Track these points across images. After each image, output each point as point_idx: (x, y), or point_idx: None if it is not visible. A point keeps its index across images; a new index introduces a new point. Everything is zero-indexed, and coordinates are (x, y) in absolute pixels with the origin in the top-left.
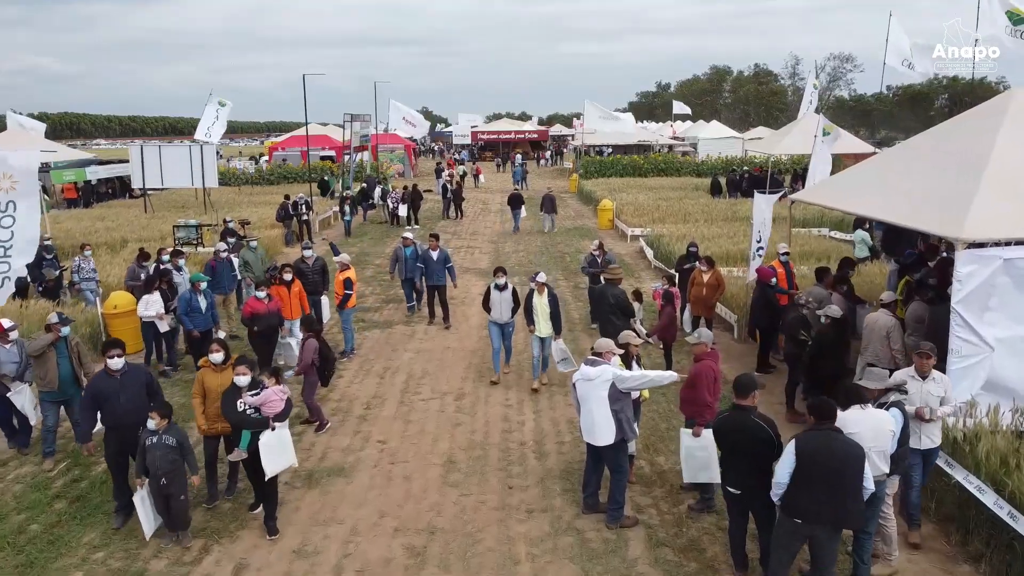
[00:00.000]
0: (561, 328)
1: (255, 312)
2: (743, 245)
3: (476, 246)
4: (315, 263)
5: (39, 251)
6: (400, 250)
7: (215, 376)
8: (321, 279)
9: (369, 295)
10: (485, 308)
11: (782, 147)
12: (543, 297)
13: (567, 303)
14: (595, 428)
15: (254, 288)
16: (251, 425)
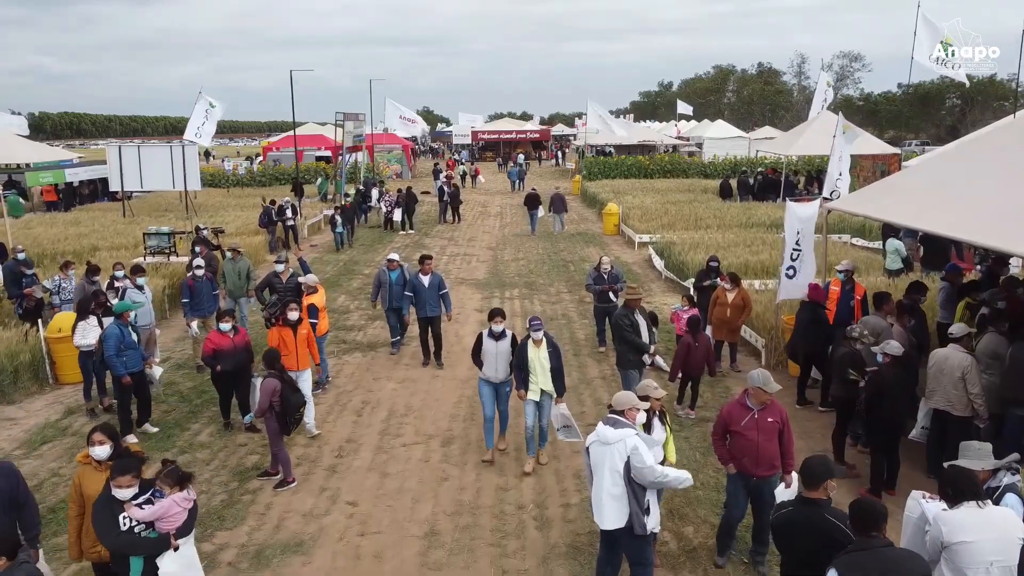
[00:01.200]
0: (564, 387)
1: (219, 349)
2: (763, 256)
3: (474, 253)
4: (290, 279)
5: (14, 266)
6: (383, 274)
7: (97, 477)
8: (295, 297)
9: (354, 311)
10: (475, 361)
11: (797, 148)
12: (541, 349)
13: (571, 321)
14: (603, 507)
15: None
16: (142, 549)
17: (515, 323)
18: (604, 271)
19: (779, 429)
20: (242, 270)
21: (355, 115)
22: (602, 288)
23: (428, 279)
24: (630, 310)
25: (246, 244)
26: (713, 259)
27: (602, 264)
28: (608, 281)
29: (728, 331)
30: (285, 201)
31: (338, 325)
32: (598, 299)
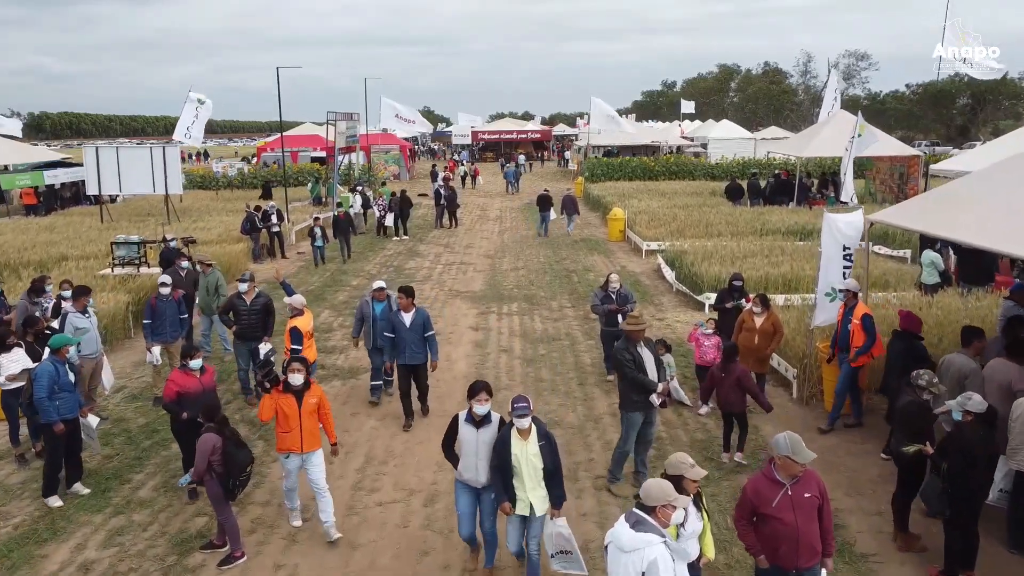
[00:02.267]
0: (563, 494)
1: (184, 392)
2: (784, 268)
3: (470, 262)
4: (255, 300)
5: None
6: (367, 305)
7: None
8: (261, 322)
9: (337, 329)
10: (448, 456)
11: (811, 149)
12: (528, 443)
13: (575, 342)
14: None
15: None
16: None
17: (514, 345)
18: (612, 290)
19: (818, 505)
20: (211, 284)
21: (348, 115)
22: (610, 309)
23: (410, 317)
24: (632, 343)
25: (225, 253)
26: (737, 277)
27: (610, 282)
28: (617, 301)
29: (756, 361)
30: (271, 206)
31: (317, 346)
32: (606, 322)
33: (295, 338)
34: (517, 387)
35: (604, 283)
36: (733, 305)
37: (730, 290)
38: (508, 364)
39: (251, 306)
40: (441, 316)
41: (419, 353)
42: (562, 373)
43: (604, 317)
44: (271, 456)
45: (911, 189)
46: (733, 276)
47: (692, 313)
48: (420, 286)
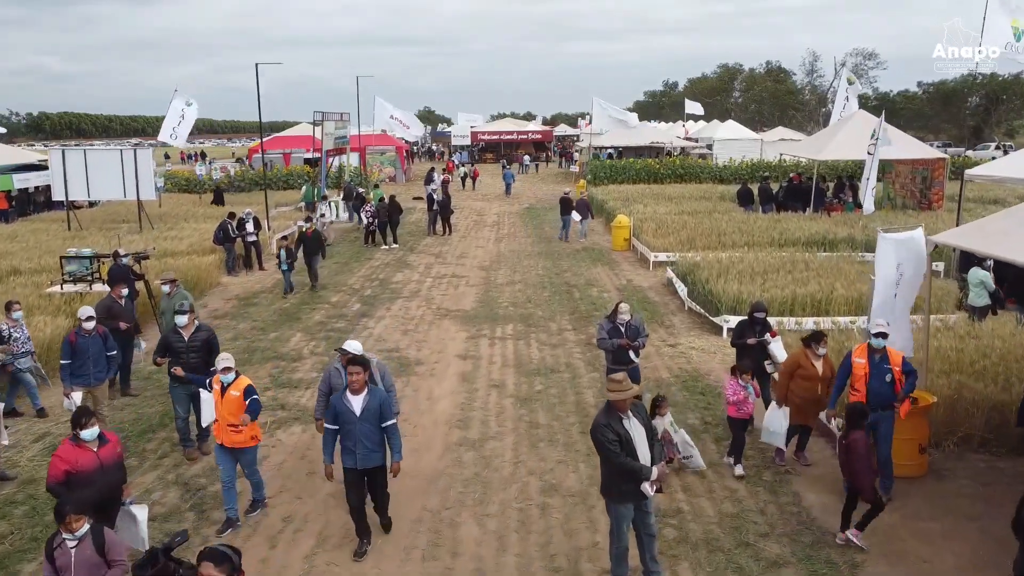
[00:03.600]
0: None
1: (74, 471)
2: (811, 287)
3: (463, 275)
4: (195, 335)
5: None
6: (336, 375)
7: None
8: (203, 360)
9: (308, 356)
10: None
11: (829, 152)
12: None
13: (576, 375)
14: None
15: None
16: None
17: (506, 379)
18: (622, 322)
19: None
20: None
21: (338, 114)
22: (620, 344)
23: (361, 401)
24: (616, 415)
25: (193, 266)
26: (758, 308)
27: (619, 312)
28: (627, 334)
29: (814, 414)
30: (246, 213)
31: (281, 379)
32: (613, 359)
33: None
34: (508, 435)
35: (612, 312)
36: (756, 340)
37: (751, 322)
38: (498, 404)
39: (190, 342)
40: (426, 341)
41: (374, 452)
42: (561, 417)
43: (612, 354)
44: None
45: (935, 194)
46: (754, 306)
47: (708, 338)
48: (405, 303)
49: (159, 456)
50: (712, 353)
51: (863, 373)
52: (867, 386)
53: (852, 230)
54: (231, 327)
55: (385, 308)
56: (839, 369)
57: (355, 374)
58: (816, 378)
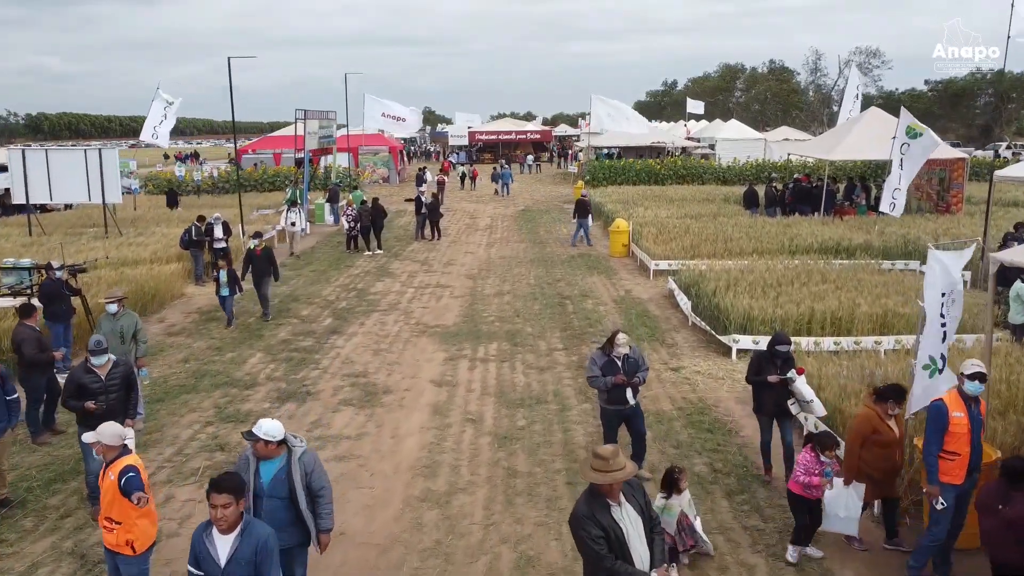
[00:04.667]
0: None
1: None
2: (830, 302)
3: (448, 284)
4: (112, 373)
5: None
6: (245, 465)
7: None
8: (121, 401)
9: (263, 382)
10: None
11: (841, 151)
12: None
13: (565, 407)
14: None
15: None
16: None
17: (485, 411)
18: (617, 355)
19: None
20: (127, 329)
21: (323, 113)
22: (616, 382)
23: (230, 544)
24: (600, 504)
25: (153, 276)
26: (781, 340)
27: (616, 344)
28: (624, 369)
29: (890, 485)
30: (215, 218)
31: (227, 411)
32: (608, 398)
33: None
34: (481, 486)
35: (606, 343)
36: (778, 377)
37: (771, 356)
38: (473, 445)
39: (108, 382)
40: (399, 363)
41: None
42: (545, 462)
43: (608, 393)
44: None
45: (954, 196)
46: (776, 338)
47: (715, 360)
48: (382, 318)
49: (61, 515)
50: (720, 379)
51: (965, 431)
52: (970, 445)
53: (868, 235)
54: (184, 346)
55: (359, 323)
56: (928, 426)
57: (221, 505)
58: (895, 443)
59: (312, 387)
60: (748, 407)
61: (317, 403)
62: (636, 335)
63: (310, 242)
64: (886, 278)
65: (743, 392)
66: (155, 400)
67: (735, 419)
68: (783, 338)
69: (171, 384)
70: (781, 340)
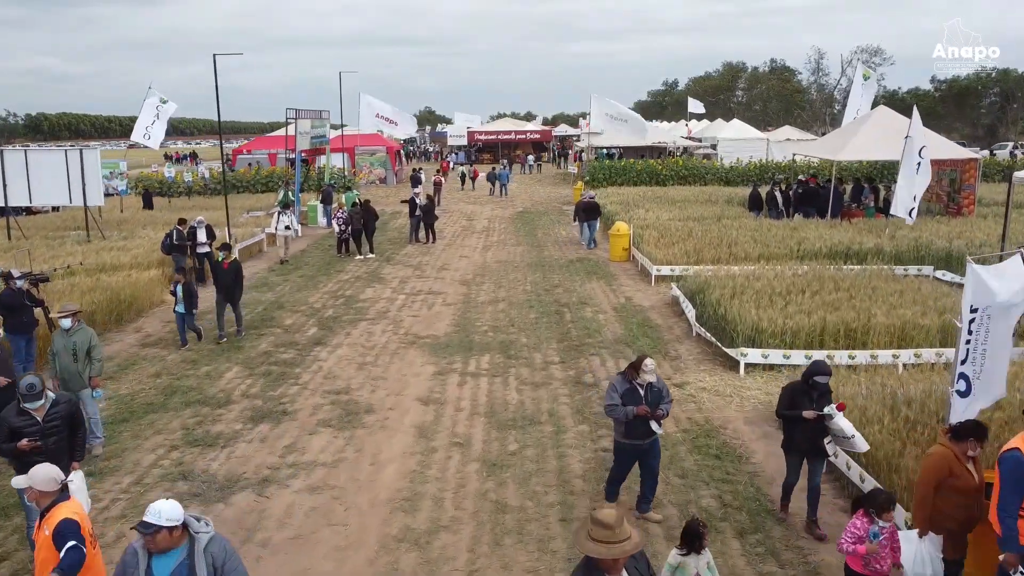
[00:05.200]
0: None
1: None
2: (846, 313)
3: (441, 291)
4: (51, 412)
5: None
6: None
7: None
8: (63, 443)
9: (238, 399)
10: None
11: (848, 152)
12: None
13: (561, 427)
14: None
15: None
16: None
17: (474, 433)
18: (642, 382)
19: None
20: (80, 346)
21: (316, 112)
22: (638, 413)
23: None
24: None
25: (130, 283)
26: (820, 370)
27: (643, 370)
28: (648, 399)
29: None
30: (198, 221)
31: (196, 434)
32: (626, 431)
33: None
34: (466, 523)
35: (629, 368)
36: (817, 417)
37: (807, 388)
38: (459, 474)
39: (46, 424)
40: (384, 378)
41: None
42: (537, 494)
43: (625, 425)
44: None
45: (966, 198)
46: (813, 367)
47: (722, 375)
48: (369, 327)
49: None
50: (727, 397)
51: None
52: None
53: (879, 239)
54: (158, 358)
55: (345, 333)
56: (1004, 480)
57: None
58: (975, 490)
59: (290, 405)
60: (758, 428)
61: (293, 424)
62: (637, 346)
63: (301, 245)
64: (901, 286)
65: (752, 412)
66: (119, 420)
67: (744, 443)
68: (823, 368)
69: (138, 402)
70: (820, 370)
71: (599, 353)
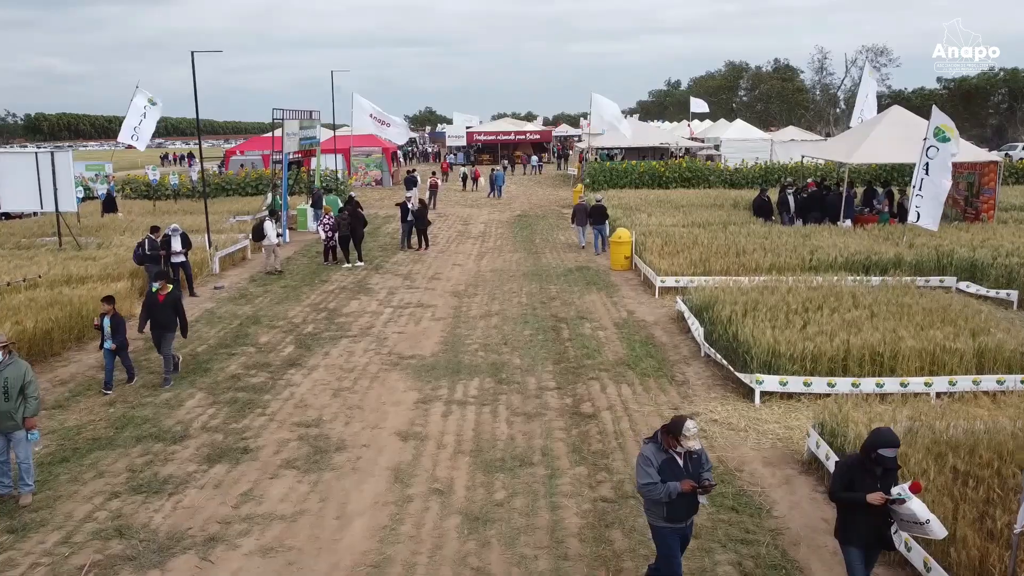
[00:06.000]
0: None
1: None
2: (870, 335)
3: (430, 303)
4: None
5: None
6: None
7: None
8: None
9: (197, 433)
10: None
11: (861, 154)
12: None
13: (556, 469)
14: None
15: None
16: None
17: (456, 478)
18: (682, 450)
19: None
20: (12, 383)
21: (306, 113)
22: (682, 489)
23: None
24: None
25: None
26: (886, 440)
27: (685, 435)
28: (688, 470)
29: None
30: (172, 228)
31: (143, 476)
32: (668, 512)
33: None
34: None
35: (666, 434)
36: (886, 501)
37: (870, 462)
38: (436, 530)
39: None
40: (361, 408)
41: None
42: (525, 558)
43: (666, 506)
44: None
45: (985, 203)
46: (878, 437)
47: (735, 404)
48: (350, 346)
49: None
50: (742, 431)
51: None
52: None
53: (897, 247)
54: (116, 383)
55: (323, 353)
56: None
57: None
58: None
59: (253, 441)
60: (778, 471)
61: (254, 464)
62: (641, 369)
63: (287, 251)
64: (928, 301)
65: (771, 451)
66: (58, 461)
67: (764, 490)
68: (888, 438)
69: (84, 436)
70: (886, 440)
71: (599, 377)
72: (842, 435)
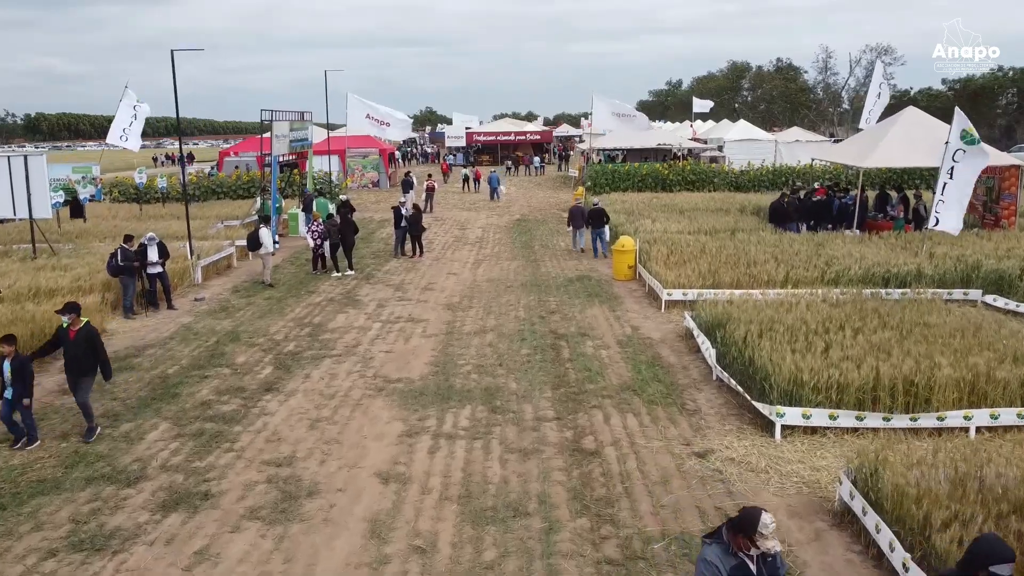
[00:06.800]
0: None
1: None
2: (901, 362)
3: (422, 317)
4: None
5: None
6: None
7: None
8: None
9: (155, 461)
10: None
11: (876, 158)
12: None
13: (554, 522)
14: None
15: None
16: None
17: (441, 532)
18: (756, 552)
19: None
20: None
21: (297, 114)
22: None
23: None
24: None
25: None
26: (999, 554)
27: (762, 532)
28: (764, 571)
29: None
30: (148, 238)
31: (87, 529)
32: None
33: None
34: None
35: (735, 534)
36: None
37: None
38: None
39: None
40: (339, 442)
41: None
42: None
43: None
44: None
45: (1005, 209)
46: (987, 547)
47: (753, 438)
48: (333, 367)
49: None
50: (762, 472)
51: None
52: None
53: (916, 257)
54: (70, 412)
55: (303, 375)
56: None
57: None
58: None
59: (216, 484)
60: (806, 524)
61: (214, 514)
62: (648, 395)
63: (276, 259)
64: (957, 320)
65: (796, 497)
66: None
67: (792, 549)
68: (1003, 551)
69: (28, 478)
70: (1000, 555)
71: (601, 405)
72: (875, 488)
